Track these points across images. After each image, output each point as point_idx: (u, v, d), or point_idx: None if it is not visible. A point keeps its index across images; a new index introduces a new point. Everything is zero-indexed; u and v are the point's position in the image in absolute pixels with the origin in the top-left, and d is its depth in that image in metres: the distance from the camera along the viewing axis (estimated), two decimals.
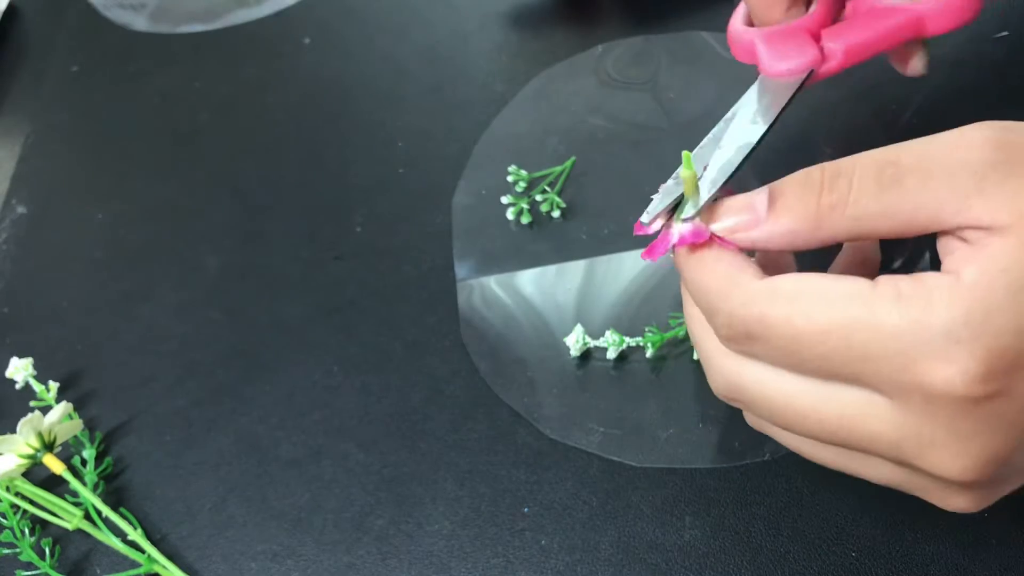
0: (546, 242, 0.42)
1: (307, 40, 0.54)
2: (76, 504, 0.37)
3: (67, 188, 0.50)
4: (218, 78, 0.53)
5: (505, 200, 0.43)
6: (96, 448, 0.39)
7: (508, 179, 0.44)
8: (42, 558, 0.36)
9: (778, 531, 0.33)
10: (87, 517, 0.36)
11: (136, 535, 0.35)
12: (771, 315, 0.24)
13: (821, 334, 0.23)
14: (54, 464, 0.36)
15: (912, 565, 0.32)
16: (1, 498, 0.37)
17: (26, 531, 0.37)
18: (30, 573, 0.36)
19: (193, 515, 0.37)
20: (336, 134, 0.49)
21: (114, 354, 0.42)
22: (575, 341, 0.38)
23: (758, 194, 0.25)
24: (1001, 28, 0.46)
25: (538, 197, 0.44)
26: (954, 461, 0.23)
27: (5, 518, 0.37)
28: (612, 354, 0.38)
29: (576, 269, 0.41)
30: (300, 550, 0.35)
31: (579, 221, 0.43)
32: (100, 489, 0.38)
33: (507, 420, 0.37)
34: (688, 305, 0.28)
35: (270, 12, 0.56)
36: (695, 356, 0.37)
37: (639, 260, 0.40)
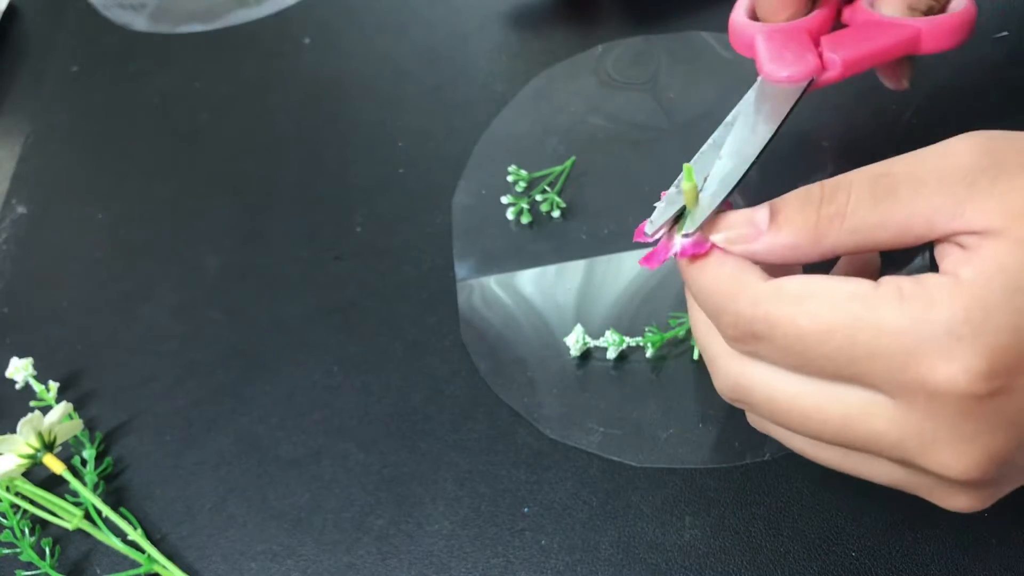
0: (546, 242, 0.42)
1: (307, 40, 0.54)
2: (76, 504, 0.37)
3: (67, 188, 0.50)
4: (218, 78, 0.53)
5: (505, 200, 0.43)
6: (96, 448, 0.39)
7: (508, 179, 0.44)
8: (42, 558, 0.36)
9: (778, 531, 0.33)
10: (87, 517, 0.36)
11: (136, 535, 0.35)
12: (776, 315, 0.24)
13: (825, 333, 0.23)
14: (54, 464, 0.36)
15: (912, 565, 0.32)
16: (1, 498, 0.37)
17: (26, 531, 0.37)
18: (30, 573, 0.36)
19: (193, 515, 0.37)
20: (336, 134, 0.49)
21: (114, 354, 0.42)
22: (575, 341, 0.38)
23: (759, 209, 0.26)
24: (1001, 28, 0.45)
25: (538, 197, 0.44)
26: (957, 460, 0.23)
27: (5, 518, 0.37)
28: (612, 354, 0.38)
29: (576, 269, 0.41)
30: (300, 550, 0.35)
31: (579, 221, 0.43)
32: (100, 489, 0.38)
33: (507, 420, 0.37)
34: (693, 309, 0.29)
35: (270, 12, 0.56)
36: (695, 356, 0.37)
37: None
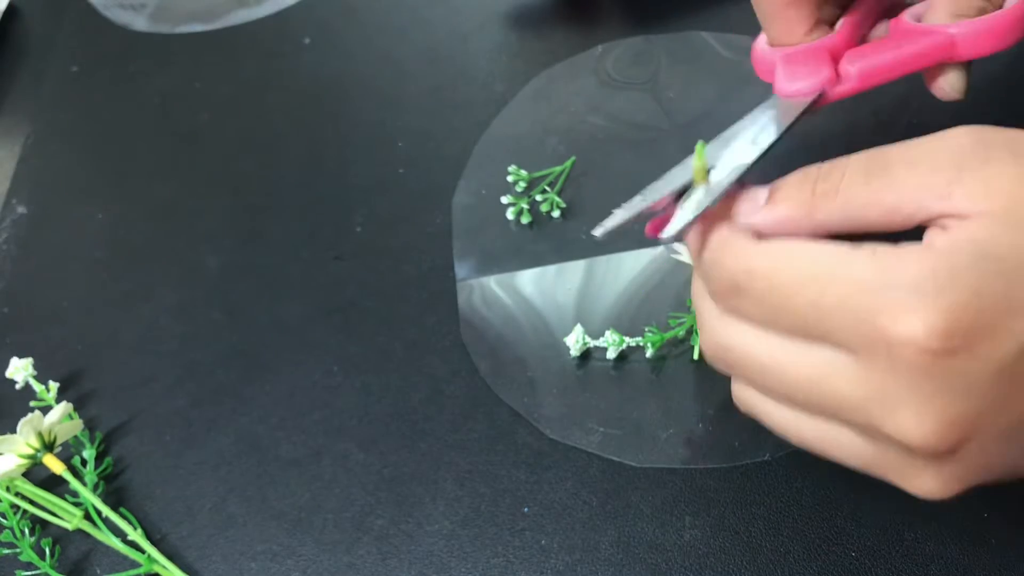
0: (546, 242, 0.42)
1: (307, 40, 0.54)
2: (76, 504, 0.37)
3: (67, 188, 0.50)
4: (218, 78, 0.53)
5: (505, 200, 0.43)
6: (96, 448, 0.39)
7: (508, 179, 0.44)
8: (42, 558, 0.36)
9: (778, 531, 0.33)
10: (87, 517, 0.36)
11: (136, 535, 0.35)
12: (757, 266, 0.26)
13: (799, 285, 0.25)
14: (54, 464, 0.36)
15: (912, 565, 0.32)
16: (1, 498, 0.37)
17: (26, 531, 0.37)
18: (30, 573, 0.36)
19: (193, 515, 0.37)
20: (336, 134, 0.49)
21: (114, 354, 0.42)
22: (575, 341, 0.38)
23: (761, 188, 0.27)
24: None
25: (538, 197, 0.44)
26: (916, 422, 0.23)
27: (5, 518, 0.37)
28: (612, 354, 0.38)
29: (576, 269, 0.41)
30: (300, 550, 0.35)
31: (579, 221, 0.43)
32: (100, 489, 0.38)
33: (507, 420, 0.37)
34: (695, 279, 0.30)
35: (270, 12, 0.56)
36: (695, 356, 0.37)
37: (639, 260, 0.41)
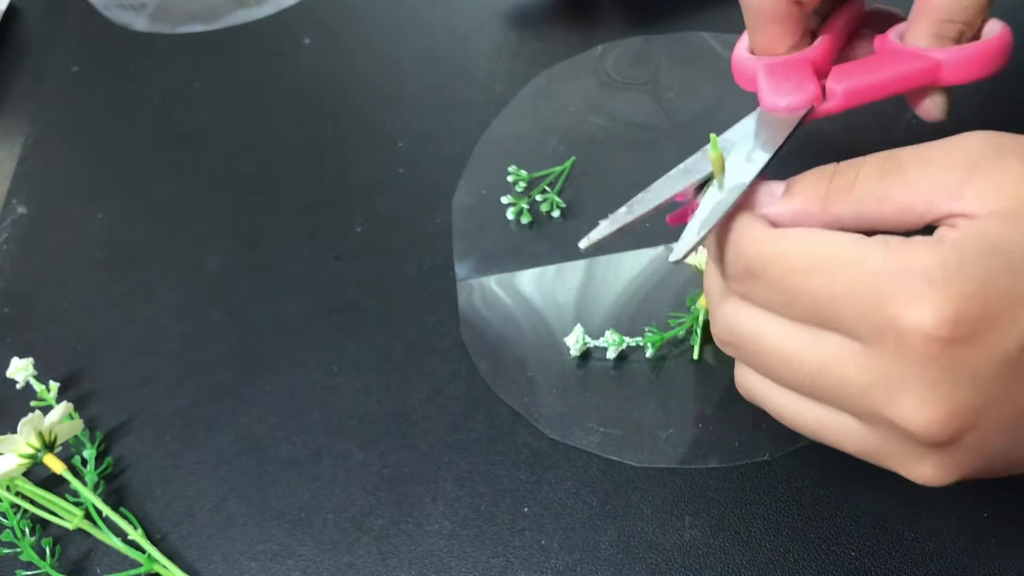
0: (546, 242, 0.42)
1: (307, 40, 0.54)
2: (76, 504, 0.37)
3: (67, 188, 0.50)
4: (218, 78, 0.53)
5: (505, 200, 0.43)
6: (96, 448, 0.39)
7: (508, 179, 0.44)
8: (42, 558, 0.36)
9: (778, 531, 0.33)
10: (87, 517, 0.36)
11: (136, 535, 0.35)
12: (771, 251, 0.26)
13: (811, 271, 0.25)
14: (54, 464, 0.36)
15: (912, 565, 0.32)
16: (2, 498, 0.37)
17: (27, 531, 0.37)
18: (30, 573, 0.36)
19: (193, 515, 0.37)
20: (336, 134, 0.49)
21: (114, 354, 0.42)
22: (575, 341, 0.38)
23: (777, 182, 0.28)
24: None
25: (538, 197, 0.44)
26: (919, 409, 0.24)
27: (6, 518, 0.37)
28: (612, 354, 0.38)
29: (576, 269, 0.41)
30: (300, 550, 0.35)
31: (579, 221, 0.43)
32: (100, 489, 0.38)
33: (507, 420, 0.37)
34: (708, 264, 0.30)
35: (270, 12, 0.56)
36: (695, 356, 0.37)
37: (639, 260, 0.41)
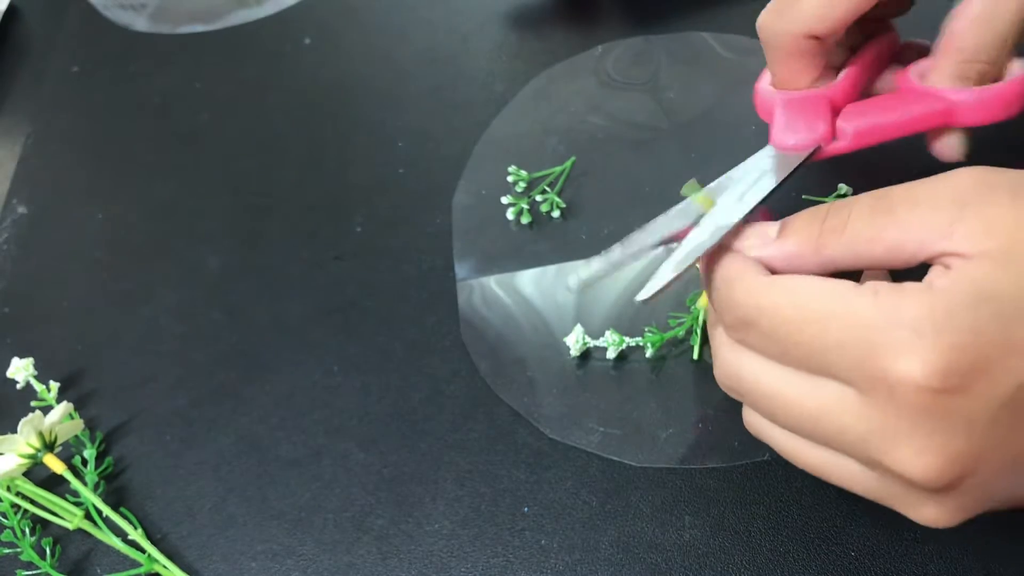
0: (546, 242, 0.42)
1: (307, 40, 0.54)
2: (77, 504, 0.37)
3: (67, 188, 0.50)
4: (218, 78, 0.53)
5: (505, 200, 0.43)
6: (96, 448, 0.39)
7: (508, 179, 0.44)
8: (43, 558, 0.36)
9: (778, 531, 0.33)
10: (88, 517, 0.36)
11: (136, 535, 0.35)
12: (765, 303, 0.26)
13: (804, 322, 0.25)
14: (55, 464, 0.36)
15: (912, 565, 0.32)
16: (2, 498, 0.37)
17: (27, 531, 0.37)
18: (31, 573, 0.36)
19: (193, 515, 0.37)
20: (336, 134, 0.49)
21: (114, 354, 0.42)
22: (575, 341, 0.38)
23: (771, 223, 0.29)
24: None
25: (538, 197, 0.44)
26: (917, 458, 0.24)
27: (6, 518, 0.37)
28: (612, 354, 0.38)
29: (576, 269, 0.41)
30: (300, 550, 0.35)
31: (579, 221, 0.43)
32: (101, 489, 0.38)
33: (507, 420, 0.37)
34: (710, 308, 0.31)
35: (270, 12, 0.56)
36: (695, 356, 0.37)
37: (639, 260, 0.40)
